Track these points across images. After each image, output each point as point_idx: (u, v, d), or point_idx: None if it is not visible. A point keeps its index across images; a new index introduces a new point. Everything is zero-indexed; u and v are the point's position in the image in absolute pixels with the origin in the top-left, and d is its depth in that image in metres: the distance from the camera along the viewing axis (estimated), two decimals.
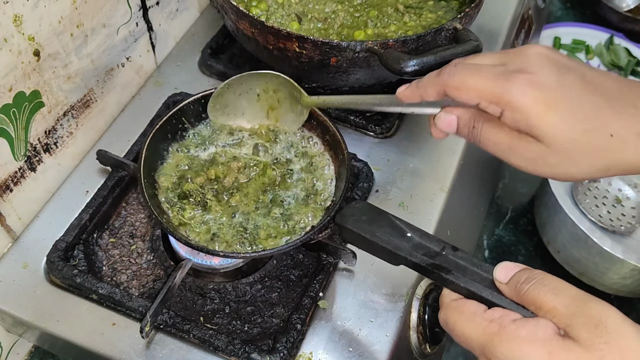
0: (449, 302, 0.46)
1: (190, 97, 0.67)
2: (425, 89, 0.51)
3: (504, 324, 0.41)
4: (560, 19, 1.36)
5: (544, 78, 0.46)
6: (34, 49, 0.61)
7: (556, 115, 0.45)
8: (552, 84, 0.46)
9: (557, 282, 0.42)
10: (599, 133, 0.45)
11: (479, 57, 0.51)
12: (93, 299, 0.63)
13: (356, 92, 0.83)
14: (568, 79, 0.46)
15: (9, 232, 0.67)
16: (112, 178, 0.70)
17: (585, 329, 0.39)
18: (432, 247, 0.50)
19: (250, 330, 0.62)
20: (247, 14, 0.67)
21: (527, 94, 0.45)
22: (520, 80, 0.46)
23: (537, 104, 0.45)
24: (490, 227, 0.99)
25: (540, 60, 0.47)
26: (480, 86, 0.47)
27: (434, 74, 0.51)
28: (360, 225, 0.54)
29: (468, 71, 0.48)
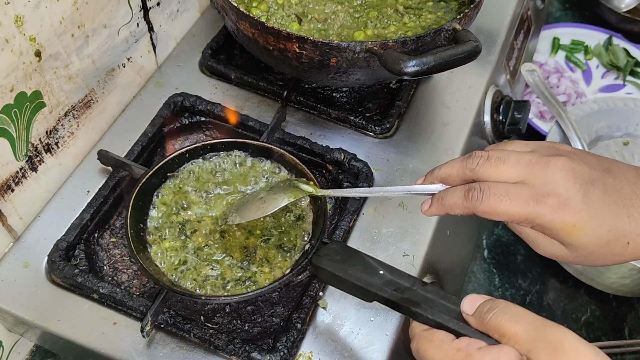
0: (419, 332, 0.49)
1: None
2: (452, 209, 0.53)
3: (470, 352, 0.44)
4: (559, 20, 1.36)
5: (571, 200, 0.49)
6: (35, 50, 0.62)
7: (583, 233, 0.49)
8: (579, 205, 0.49)
9: (517, 309, 0.45)
10: (619, 243, 0.50)
11: (506, 167, 0.52)
12: (94, 298, 0.63)
13: (351, 95, 0.84)
14: (592, 196, 0.50)
15: (10, 232, 0.67)
16: (113, 178, 0.70)
17: (544, 352, 0.41)
18: (403, 282, 0.52)
19: (250, 330, 0.63)
20: (248, 14, 0.67)
21: (557, 218, 0.49)
22: (550, 205, 0.49)
23: (566, 225, 0.49)
24: (489, 227, 0.99)
25: (566, 179, 0.50)
26: (510, 212, 0.50)
27: (461, 196, 0.52)
28: (334, 265, 0.56)
29: (496, 198, 0.50)
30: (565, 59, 1.25)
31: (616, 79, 1.23)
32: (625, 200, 0.50)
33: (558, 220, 0.49)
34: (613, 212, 0.50)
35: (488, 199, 0.50)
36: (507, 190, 0.50)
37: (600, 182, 0.50)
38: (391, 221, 0.71)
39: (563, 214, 0.49)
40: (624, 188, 0.51)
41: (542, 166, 0.50)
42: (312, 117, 0.80)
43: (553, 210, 0.49)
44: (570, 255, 0.52)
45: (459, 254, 0.87)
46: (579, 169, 0.50)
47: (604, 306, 0.93)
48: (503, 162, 0.51)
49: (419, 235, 0.70)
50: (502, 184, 0.51)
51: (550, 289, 0.95)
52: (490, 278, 0.94)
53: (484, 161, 0.52)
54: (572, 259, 0.52)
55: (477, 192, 0.51)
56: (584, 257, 0.51)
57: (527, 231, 0.53)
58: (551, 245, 0.52)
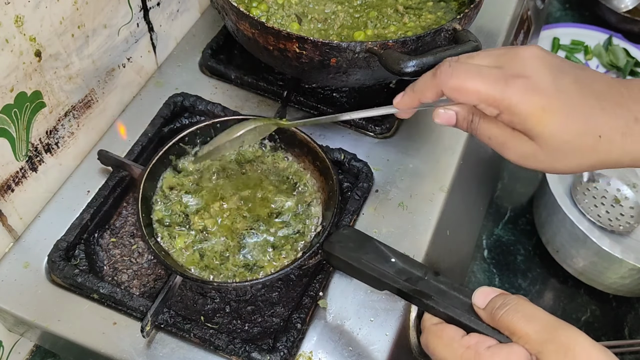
0: (429, 327, 0.48)
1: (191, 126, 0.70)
2: (423, 92, 0.52)
3: (479, 351, 0.44)
4: (559, 20, 1.36)
5: (541, 82, 0.47)
6: (35, 50, 0.62)
7: (552, 119, 0.47)
8: (549, 88, 0.47)
9: (530, 308, 0.44)
10: (590, 135, 0.47)
11: (475, 57, 0.51)
12: (94, 298, 0.63)
13: (351, 96, 0.84)
14: (563, 82, 0.47)
15: (10, 232, 0.67)
16: (113, 178, 0.70)
17: (555, 355, 0.41)
18: (415, 272, 0.52)
19: (250, 330, 0.63)
20: (248, 14, 0.67)
21: (525, 99, 0.47)
22: (519, 85, 0.47)
23: (535, 109, 0.46)
24: (489, 227, 0.99)
25: (537, 63, 0.48)
26: (479, 89, 0.48)
27: (429, 76, 0.51)
28: (347, 252, 0.56)
29: (466, 73, 0.48)
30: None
31: None
32: (598, 93, 0.48)
33: (527, 102, 0.46)
34: (585, 101, 0.47)
35: (458, 74, 0.48)
36: (477, 68, 0.48)
37: (571, 72, 0.49)
38: (391, 221, 0.71)
39: (532, 95, 0.46)
40: (597, 82, 0.49)
41: (513, 54, 0.49)
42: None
43: (522, 91, 0.46)
44: (541, 151, 0.48)
45: (459, 254, 0.87)
46: (550, 57, 0.49)
47: (604, 306, 0.93)
48: (472, 56, 0.50)
49: (419, 235, 0.70)
50: (473, 64, 0.49)
51: (550, 289, 0.95)
52: (490, 278, 0.94)
53: (453, 60, 0.51)
54: (542, 157, 0.49)
55: (446, 67, 0.49)
56: (553, 154, 0.48)
57: (496, 134, 0.50)
58: (520, 143, 0.49)
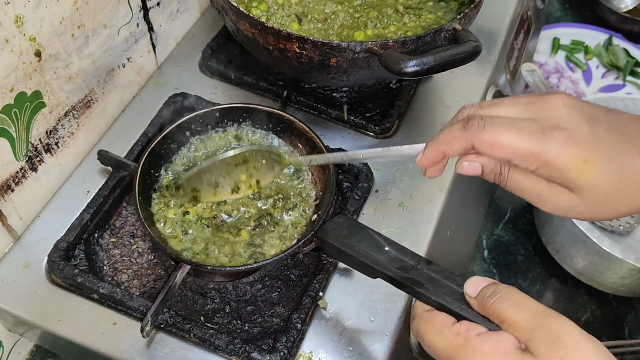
0: (421, 313, 0.48)
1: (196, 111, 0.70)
2: (450, 146, 0.49)
3: (469, 338, 0.44)
4: (559, 20, 1.36)
5: (579, 133, 0.46)
6: (35, 50, 0.62)
7: (594, 170, 0.45)
8: (587, 139, 0.45)
9: (520, 296, 0.44)
10: (631, 182, 0.46)
11: (501, 106, 0.49)
12: (94, 298, 0.63)
13: (351, 96, 0.84)
14: (600, 130, 0.46)
15: (10, 232, 0.67)
16: (113, 178, 0.70)
17: (544, 343, 0.40)
18: (408, 260, 0.52)
19: (250, 330, 0.63)
20: (248, 14, 0.67)
21: (566, 152, 0.45)
22: (558, 138, 0.45)
23: (576, 162, 0.45)
24: (489, 227, 0.99)
25: (570, 112, 0.46)
26: (515, 144, 0.46)
27: (458, 128, 0.48)
28: (340, 239, 0.56)
29: (501, 126, 0.46)
30: (565, 59, 1.25)
31: (616, 79, 1.23)
32: (631, 137, 0.47)
33: (568, 155, 0.45)
34: (622, 148, 0.46)
35: (492, 127, 0.46)
36: (511, 121, 0.46)
37: (603, 118, 0.47)
38: (391, 221, 0.71)
39: (573, 148, 0.45)
40: (627, 125, 0.47)
41: (544, 103, 0.47)
42: (312, 117, 0.80)
43: (561, 144, 0.45)
44: (581, 203, 0.46)
45: (459, 254, 0.87)
46: (581, 105, 0.47)
47: (603, 306, 0.93)
48: (497, 105, 0.48)
49: (419, 235, 0.70)
50: (506, 117, 0.47)
51: (550, 289, 0.95)
52: (490, 278, 0.94)
53: (475, 107, 0.49)
54: (583, 208, 0.47)
55: (478, 120, 0.47)
56: (594, 205, 0.46)
57: (530, 186, 0.48)
58: (558, 196, 0.47)
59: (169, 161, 0.70)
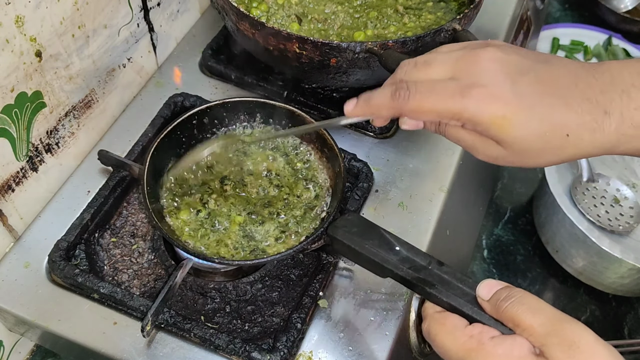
0: (432, 314, 0.48)
1: (201, 105, 0.70)
2: (379, 110, 0.51)
3: (482, 341, 0.43)
4: (558, 20, 1.37)
5: (498, 89, 0.46)
6: (36, 50, 0.62)
7: (514, 125, 0.46)
8: (507, 95, 0.46)
9: (534, 301, 0.43)
10: (556, 134, 0.47)
11: (432, 64, 0.50)
12: (94, 298, 0.63)
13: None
14: (522, 85, 0.47)
15: (10, 232, 0.67)
16: (114, 178, 0.70)
17: (559, 349, 0.40)
18: (419, 261, 0.52)
19: (250, 330, 0.63)
20: (248, 15, 0.68)
21: (484, 109, 0.46)
22: (476, 96, 0.46)
23: (495, 117, 0.46)
24: (489, 227, 0.99)
25: (493, 68, 0.47)
26: (437, 108, 0.48)
27: (388, 95, 0.50)
28: (351, 237, 0.56)
29: (423, 95, 0.48)
30: None
31: None
32: (563, 90, 0.47)
33: (486, 112, 0.46)
34: (547, 101, 0.46)
35: (415, 97, 0.48)
36: (432, 86, 0.48)
37: (532, 71, 0.47)
38: (391, 221, 0.71)
39: (490, 105, 0.46)
40: (562, 78, 0.47)
41: (469, 59, 0.48)
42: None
43: (479, 102, 0.46)
44: (508, 154, 0.48)
45: (459, 254, 0.87)
46: (509, 58, 0.48)
47: (603, 306, 0.93)
48: (429, 64, 0.49)
49: (419, 235, 0.70)
50: (428, 81, 0.49)
51: (549, 288, 0.95)
52: (490, 278, 0.94)
53: (411, 67, 0.50)
54: (512, 158, 0.49)
55: (404, 90, 0.48)
56: (522, 155, 0.48)
57: (463, 136, 0.50)
58: (488, 147, 0.49)
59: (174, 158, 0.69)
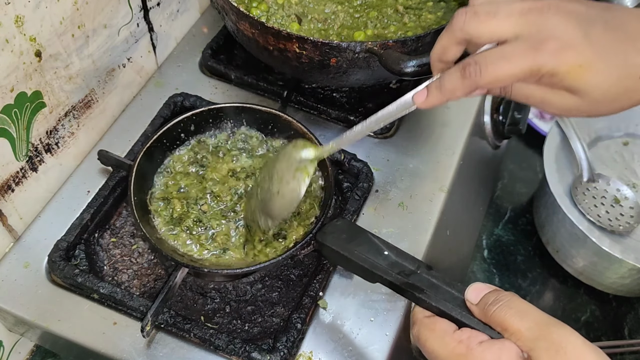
0: (422, 319, 0.48)
1: (195, 109, 0.70)
2: (453, 93, 0.49)
3: (471, 346, 0.44)
4: None
5: (571, 39, 0.46)
6: (36, 50, 0.62)
7: (592, 73, 0.46)
8: (581, 44, 0.46)
9: (522, 305, 0.44)
10: (630, 78, 0.46)
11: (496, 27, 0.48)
12: (94, 298, 0.63)
13: (351, 96, 0.84)
14: (595, 32, 0.46)
15: (10, 232, 0.67)
16: (113, 178, 0.70)
17: (546, 353, 0.40)
18: (408, 265, 0.52)
19: (250, 330, 0.63)
20: (248, 14, 0.67)
21: (560, 61, 0.46)
22: (551, 49, 0.46)
23: (572, 67, 0.46)
24: (489, 227, 0.99)
25: (562, 20, 0.47)
26: (513, 72, 0.47)
27: (458, 76, 0.48)
28: (339, 243, 0.56)
29: (495, 65, 0.47)
30: None
31: None
32: (632, 34, 0.47)
33: (562, 64, 0.46)
34: (619, 47, 0.46)
35: (487, 69, 0.47)
36: (502, 52, 0.47)
37: (600, 19, 0.47)
38: (391, 221, 0.71)
39: (566, 55, 0.46)
40: (630, 23, 0.47)
41: (536, 13, 0.47)
42: (312, 117, 0.81)
43: (555, 55, 0.46)
44: (583, 102, 0.47)
45: (459, 254, 0.87)
46: (575, 9, 0.48)
47: (603, 306, 0.93)
48: (493, 15, 0.48)
49: (419, 235, 0.70)
50: (495, 49, 0.48)
51: (550, 289, 0.95)
52: (490, 278, 0.94)
53: (471, 16, 0.49)
54: (585, 106, 0.48)
55: (473, 66, 0.47)
56: (597, 102, 0.47)
57: (533, 92, 0.49)
58: (561, 98, 0.48)
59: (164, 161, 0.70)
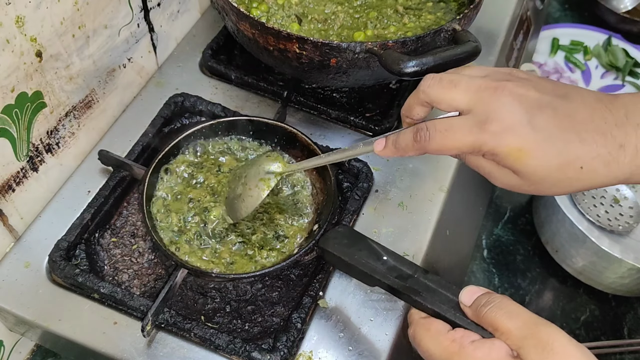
0: (417, 320, 0.50)
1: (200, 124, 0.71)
2: (405, 151, 0.54)
3: (463, 345, 0.45)
4: (558, 20, 1.37)
5: (516, 123, 0.49)
6: (36, 50, 0.62)
7: (530, 157, 0.49)
8: (523, 128, 0.48)
9: (512, 306, 0.46)
10: (571, 167, 0.49)
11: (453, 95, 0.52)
12: (95, 298, 0.63)
13: (351, 96, 0.84)
14: (539, 120, 0.49)
15: (11, 232, 0.67)
16: (114, 178, 0.70)
17: (534, 351, 0.42)
18: (405, 270, 0.54)
19: (250, 329, 0.63)
20: (248, 15, 0.68)
21: (501, 142, 0.49)
22: (493, 130, 0.49)
23: (511, 149, 0.49)
24: (489, 227, 1.00)
25: (511, 104, 0.49)
26: (457, 145, 0.51)
27: (410, 138, 0.53)
28: (341, 249, 0.58)
29: (442, 134, 0.51)
30: (565, 60, 1.26)
31: (615, 79, 1.23)
32: (579, 124, 0.49)
33: (503, 145, 0.49)
34: (562, 136, 0.48)
35: (435, 137, 0.51)
36: (450, 124, 0.51)
37: (550, 107, 0.49)
38: (391, 221, 0.71)
39: (507, 138, 0.48)
40: (579, 113, 0.49)
41: (490, 92, 0.50)
42: (312, 117, 0.81)
43: (496, 136, 0.48)
44: (524, 183, 0.50)
45: (459, 254, 0.87)
46: (528, 94, 0.50)
47: (603, 306, 0.93)
48: (454, 85, 0.52)
49: (419, 235, 0.70)
50: (445, 120, 0.51)
51: (549, 288, 0.95)
52: (490, 278, 0.94)
53: (435, 82, 0.52)
54: (527, 187, 0.51)
55: (424, 132, 0.52)
56: (538, 184, 0.50)
57: (482, 164, 0.52)
58: (505, 175, 0.51)
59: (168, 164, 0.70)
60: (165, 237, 0.64)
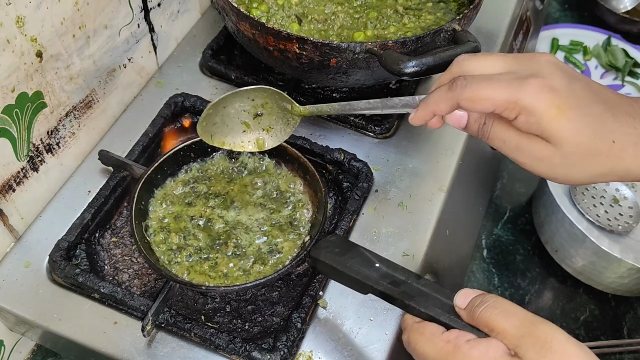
0: (411, 324, 0.49)
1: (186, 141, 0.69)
2: (437, 105, 0.52)
3: (458, 344, 0.45)
4: (558, 20, 1.37)
5: (556, 83, 0.48)
6: (37, 50, 0.62)
7: (567, 119, 0.47)
8: (564, 89, 0.48)
9: (507, 305, 0.45)
10: (604, 139, 0.48)
11: (488, 60, 0.51)
12: (95, 297, 0.63)
13: (351, 96, 0.84)
14: (577, 86, 0.48)
15: (11, 232, 0.67)
16: (114, 178, 0.71)
17: (532, 349, 0.42)
18: (398, 276, 0.53)
19: (250, 329, 0.63)
20: (248, 15, 0.68)
21: (541, 98, 0.47)
22: (534, 85, 0.47)
23: (550, 107, 0.47)
24: (488, 227, 1.00)
25: (551, 66, 0.49)
26: (494, 96, 0.48)
27: (444, 89, 0.51)
28: (332, 257, 0.57)
29: (480, 84, 0.49)
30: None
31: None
32: (610, 102, 0.49)
33: (542, 101, 0.47)
34: (598, 107, 0.48)
35: (471, 85, 0.49)
36: (490, 77, 0.49)
37: (584, 80, 0.49)
38: (391, 221, 0.71)
39: (547, 93, 0.47)
40: (607, 93, 0.50)
41: (528, 56, 0.50)
42: (312, 117, 0.81)
43: (537, 90, 0.47)
44: (555, 154, 0.48)
45: (459, 254, 0.87)
46: (564, 64, 0.50)
47: (602, 306, 0.93)
48: (487, 56, 0.51)
49: (419, 235, 0.70)
50: (485, 75, 0.50)
51: (549, 288, 0.95)
52: (490, 278, 0.94)
53: (467, 57, 0.52)
54: (557, 160, 0.49)
55: (461, 80, 0.50)
56: (568, 157, 0.48)
57: (510, 137, 0.50)
58: (535, 146, 0.49)
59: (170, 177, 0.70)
60: (162, 255, 0.63)
